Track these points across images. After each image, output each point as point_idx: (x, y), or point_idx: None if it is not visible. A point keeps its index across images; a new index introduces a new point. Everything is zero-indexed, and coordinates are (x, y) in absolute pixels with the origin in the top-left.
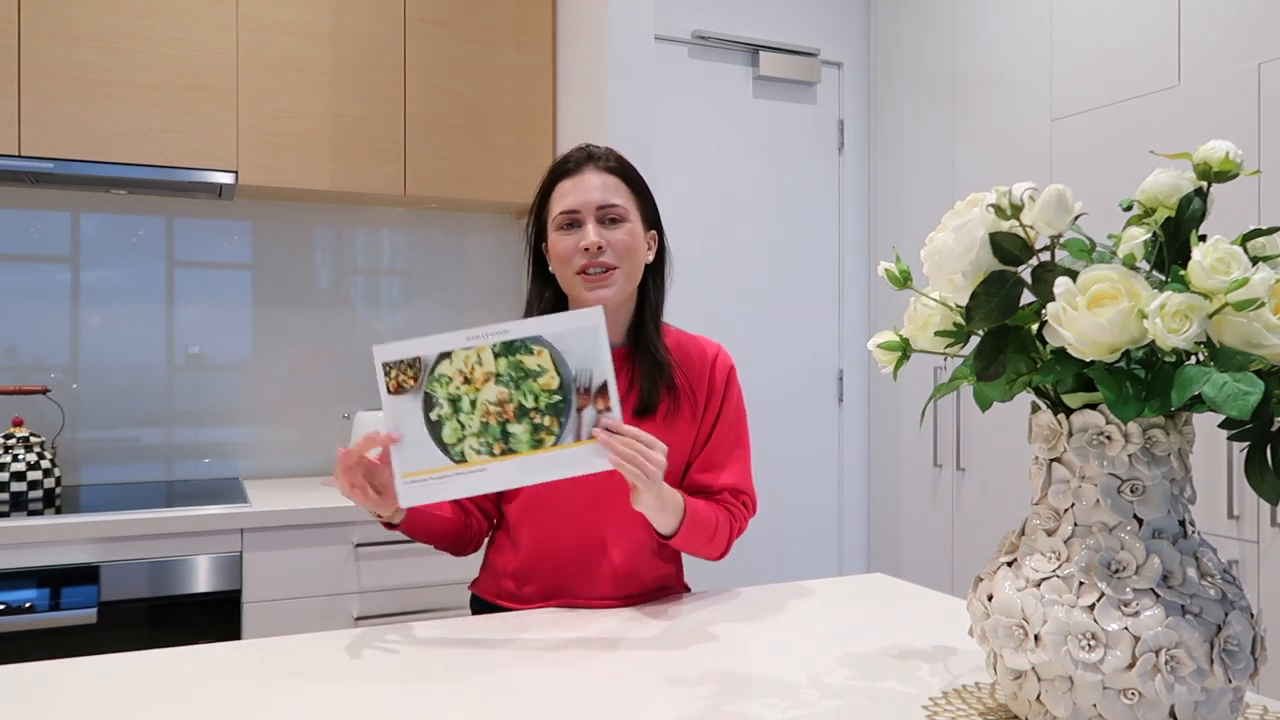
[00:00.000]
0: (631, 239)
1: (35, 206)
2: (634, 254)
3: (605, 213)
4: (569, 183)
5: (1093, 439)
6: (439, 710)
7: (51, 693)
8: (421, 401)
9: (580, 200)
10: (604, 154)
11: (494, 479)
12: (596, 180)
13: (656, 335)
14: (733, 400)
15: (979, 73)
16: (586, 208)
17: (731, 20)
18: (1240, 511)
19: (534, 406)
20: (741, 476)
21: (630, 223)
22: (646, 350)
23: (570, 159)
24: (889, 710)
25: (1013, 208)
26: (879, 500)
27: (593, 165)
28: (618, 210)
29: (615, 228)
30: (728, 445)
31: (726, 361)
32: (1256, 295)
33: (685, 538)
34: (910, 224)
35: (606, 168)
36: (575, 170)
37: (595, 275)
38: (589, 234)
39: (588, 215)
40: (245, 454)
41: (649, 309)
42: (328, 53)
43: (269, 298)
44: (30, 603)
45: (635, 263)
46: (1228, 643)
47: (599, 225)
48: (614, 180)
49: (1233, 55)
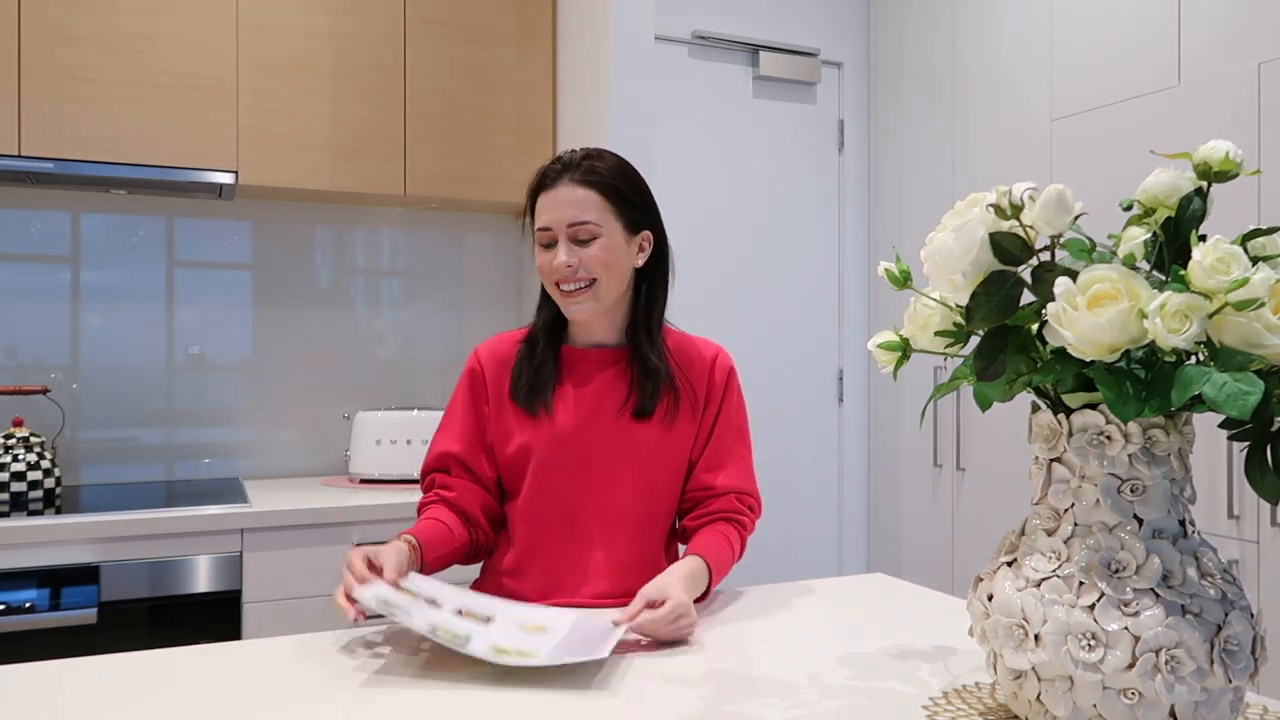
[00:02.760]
0: (605, 253)
1: (35, 206)
2: (610, 266)
3: (575, 231)
4: (545, 197)
5: (1093, 439)
6: (440, 710)
7: (51, 693)
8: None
9: (552, 218)
10: (580, 164)
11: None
12: (568, 195)
13: (654, 337)
14: (733, 400)
15: (979, 73)
16: (558, 225)
17: (731, 20)
18: (1240, 511)
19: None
20: (744, 476)
21: (603, 237)
22: (640, 358)
23: (548, 171)
24: (889, 710)
25: (1013, 208)
26: (879, 500)
27: (567, 178)
28: (588, 228)
29: (587, 245)
30: (729, 445)
31: (726, 362)
32: (1256, 295)
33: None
34: (910, 224)
35: (582, 179)
36: (551, 184)
37: (570, 292)
38: (560, 253)
39: (559, 232)
40: (245, 454)
41: (642, 311)
42: (328, 53)
43: (269, 298)
44: (30, 603)
45: (614, 273)
46: (1228, 643)
47: (570, 244)
48: (587, 193)
49: (1233, 55)
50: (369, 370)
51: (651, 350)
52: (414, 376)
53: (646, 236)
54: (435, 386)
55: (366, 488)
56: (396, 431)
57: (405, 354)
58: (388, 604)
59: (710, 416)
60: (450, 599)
